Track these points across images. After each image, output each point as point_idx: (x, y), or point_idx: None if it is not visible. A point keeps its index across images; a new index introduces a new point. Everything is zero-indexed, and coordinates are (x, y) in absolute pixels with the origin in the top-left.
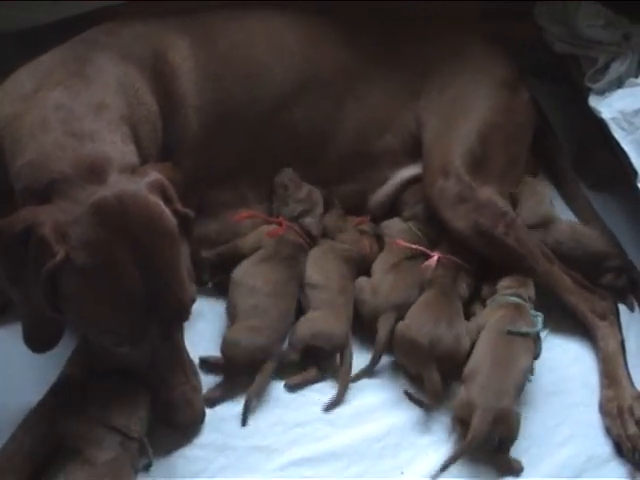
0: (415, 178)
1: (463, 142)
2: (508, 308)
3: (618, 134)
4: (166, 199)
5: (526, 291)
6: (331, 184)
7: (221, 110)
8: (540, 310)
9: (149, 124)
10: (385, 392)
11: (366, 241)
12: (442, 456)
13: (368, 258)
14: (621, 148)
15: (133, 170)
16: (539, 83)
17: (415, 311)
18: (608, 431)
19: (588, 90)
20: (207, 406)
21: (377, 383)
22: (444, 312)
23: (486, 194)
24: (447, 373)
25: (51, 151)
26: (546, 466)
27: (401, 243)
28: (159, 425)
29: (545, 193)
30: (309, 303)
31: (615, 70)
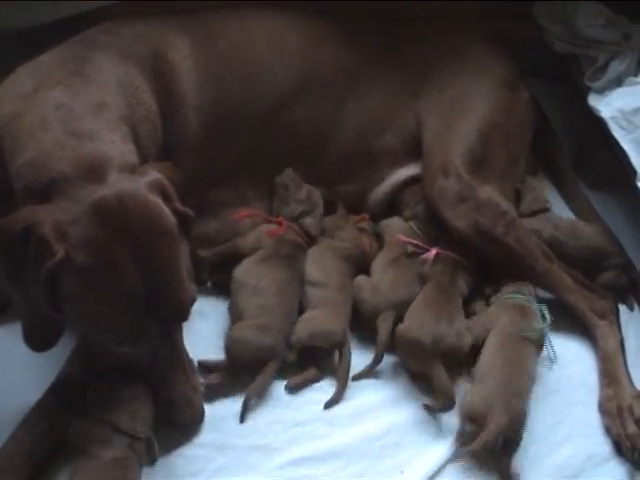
0: (414, 177)
1: (463, 141)
2: (514, 309)
3: (617, 133)
4: (166, 198)
5: (527, 288)
6: (331, 184)
7: (221, 110)
8: None
9: (149, 124)
10: (385, 391)
11: (365, 239)
12: (442, 455)
13: (367, 256)
14: (620, 147)
15: (133, 169)
16: (539, 83)
17: (414, 310)
18: (607, 430)
19: (588, 89)
20: (206, 397)
21: (377, 382)
22: (444, 309)
23: (486, 193)
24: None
25: (51, 150)
26: (545, 465)
27: (401, 238)
28: (158, 424)
29: (542, 186)
30: (308, 301)
31: (614, 69)
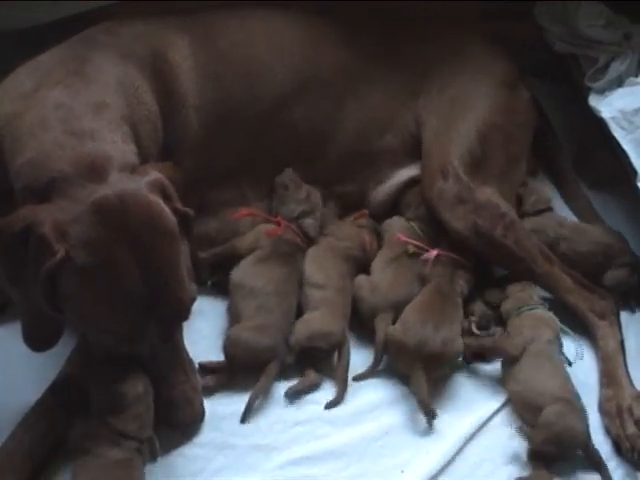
0: (416, 178)
1: (462, 142)
2: (547, 325)
3: (618, 133)
4: (166, 198)
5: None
6: (331, 183)
7: (221, 109)
8: None
9: (149, 123)
10: (385, 391)
11: (366, 237)
12: (442, 455)
13: (367, 255)
14: (621, 147)
15: (133, 169)
16: (539, 83)
17: (406, 313)
18: (607, 430)
19: (588, 89)
20: (206, 397)
21: (377, 382)
22: (433, 315)
23: (485, 195)
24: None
25: (51, 150)
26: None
27: (401, 238)
28: (159, 424)
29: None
30: (308, 303)
31: (615, 69)
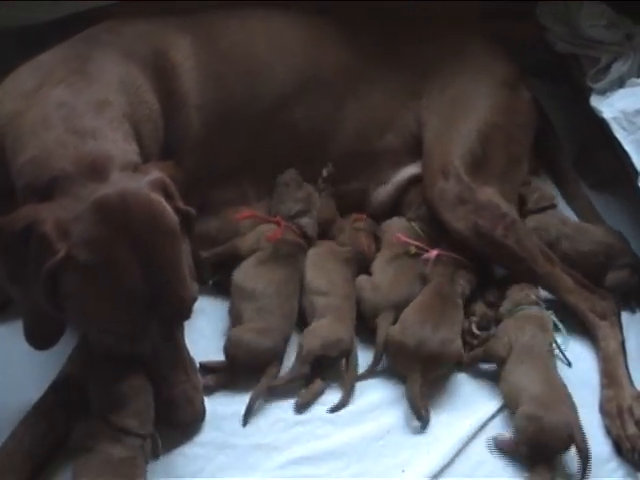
0: (417, 177)
1: (463, 142)
2: (532, 322)
3: (619, 134)
4: (168, 197)
5: (533, 290)
6: (333, 183)
7: (222, 109)
8: None
9: (151, 122)
10: (385, 391)
11: (363, 239)
12: (443, 455)
13: (366, 256)
14: (622, 148)
15: (135, 168)
16: (540, 83)
17: (406, 314)
18: (608, 431)
19: (589, 90)
20: (207, 396)
21: (377, 382)
22: (433, 315)
23: (486, 195)
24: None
25: (52, 148)
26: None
27: (401, 237)
28: (159, 423)
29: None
30: (313, 311)
31: (616, 70)
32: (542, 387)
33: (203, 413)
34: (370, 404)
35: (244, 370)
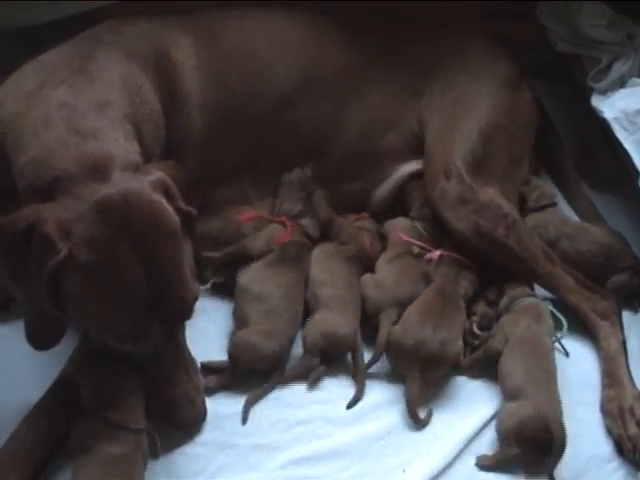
0: (418, 173)
1: (465, 142)
2: (528, 313)
3: (620, 134)
4: (169, 197)
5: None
6: (334, 183)
7: (224, 108)
8: None
9: (152, 122)
10: (386, 391)
11: (365, 237)
12: (444, 455)
13: (370, 255)
14: (623, 148)
15: (136, 168)
16: (541, 83)
17: (407, 313)
18: (609, 431)
19: (590, 90)
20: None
21: (378, 382)
22: (433, 316)
23: (487, 195)
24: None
25: (54, 148)
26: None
27: (403, 237)
28: (160, 423)
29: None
30: (317, 302)
31: (617, 70)
32: (525, 377)
33: (204, 413)
34: (371, 404)
35: (246, 372)
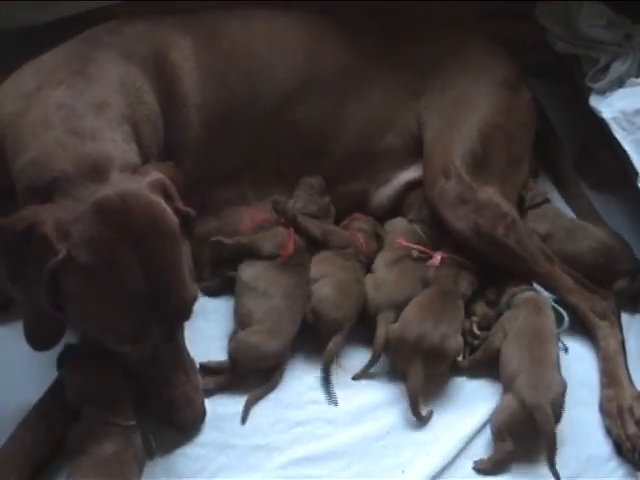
0: (417, 180)
1: (464, 142)
2: (526, 305)
3: (619, 134)
4: (167, 198)
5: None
6: (334, 183)
7: (224, 109)
8: None
9: (150, 123)
10: (386, 391)
11: (360, 239)
12: (443, 455)
13: (365, 255)
14: (622, 148)
15: (134, 169)
16: (540, 83)
17: (406, 311)
18: (608, 431)
19: (589, 90)
20: (207, 397)
21: (378, 382)
22: (433, 312)
23: (487, 195)
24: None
25: (53, 150)
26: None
27: (402, 243)
28: (160, 423)
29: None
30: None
31: (616, 70)
32: (517, 367)
33: (203, 414)
34: (370, 404)
35: (246, 372)
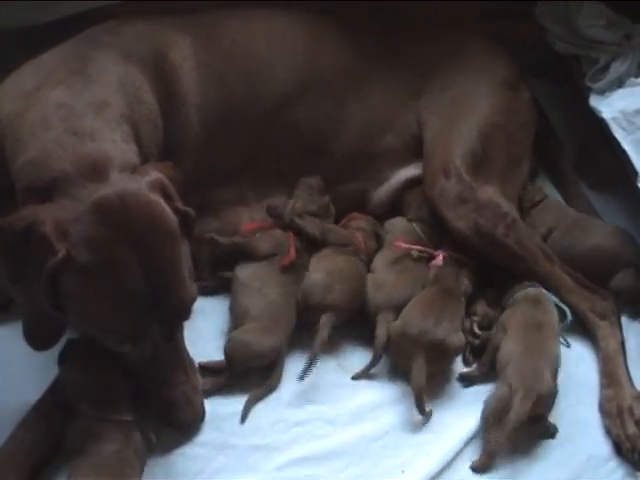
0: (416, 179)
1: (464, 142)
2: (524, 300)
3: (618, 134)
4: (167, 198)
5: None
6: (333, 183)
7: (223, 108)
8: None
9: (150, 123)
10: (385, 391)
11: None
12: (443, 455)
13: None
14: (621, 148)
15: (134, 169)
16: (540, 83)
17: (407, 309)
18: (607, 431)
19: (589, 90)
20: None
21: (377, 382)
22: (434, 310)
23: (487, 194)
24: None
25: (52, 149)
26: (545, 465)
27: (401, 245)
28: (159, 423)
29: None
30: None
31: (615, 70)
32: (507, 357)
33: (203, 414)
34: (370, 404)
35: (243, 371)
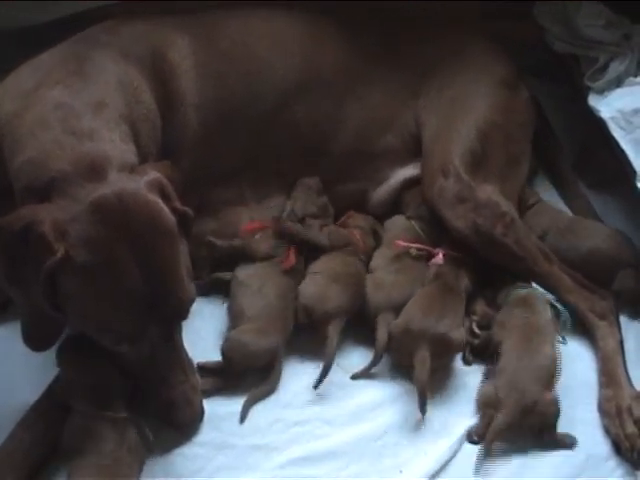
0: (416, 178)
1: (463, 141)
2: (517, 302)
3: (617, 133)
4: (165, 198)
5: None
6: (333, 183)
7: (222, 108)
8: None
9: (148, 123)
10: (384, 391)
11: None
12: (441, 455)
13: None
14: (620, 147)
15: (132, 169)
16: (539, 83)
17: (408, 307)
18: (606, 430)
19: (588, 89)
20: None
21: (376, 382)
22: (435, 307)
23: (486, 193)
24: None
25: (50, 149)
26: (545, 464)
27: (400, 244)
28: (158, 423)
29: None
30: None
31: (614, 69)
32: (503, 360)
33: (202, 414)
34: (369, 404)
35: (241, 371)
